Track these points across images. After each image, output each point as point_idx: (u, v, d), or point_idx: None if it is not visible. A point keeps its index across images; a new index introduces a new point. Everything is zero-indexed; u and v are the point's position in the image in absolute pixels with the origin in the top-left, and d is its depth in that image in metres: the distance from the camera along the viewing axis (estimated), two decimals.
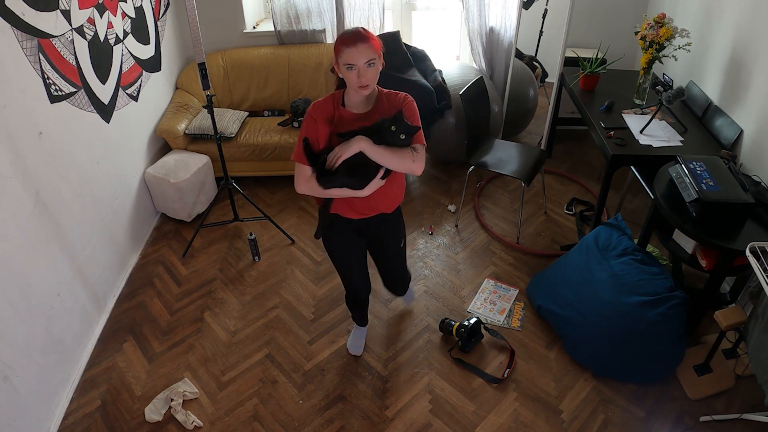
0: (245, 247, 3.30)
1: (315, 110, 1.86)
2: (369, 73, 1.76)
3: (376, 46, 1.76)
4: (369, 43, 1.73)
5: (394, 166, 1.82)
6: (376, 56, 1.77)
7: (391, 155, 1.79)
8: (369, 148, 1.76)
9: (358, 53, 1.71)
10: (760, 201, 2.31)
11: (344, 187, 1.82)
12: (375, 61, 1.76)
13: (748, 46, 2.67)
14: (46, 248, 2.34)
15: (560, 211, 3.54)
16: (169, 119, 3.49)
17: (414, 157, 1.82)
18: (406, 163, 1.81)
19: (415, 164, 1.83)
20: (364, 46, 1.72)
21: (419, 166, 1.84)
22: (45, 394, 2.31)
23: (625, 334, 2.38)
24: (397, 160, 1.80)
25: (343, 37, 1.75)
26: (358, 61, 1.71)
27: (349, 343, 2.66)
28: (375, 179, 1.83)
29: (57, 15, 2.41)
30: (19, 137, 2.17)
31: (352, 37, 1.73)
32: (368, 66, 1.74)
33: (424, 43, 4.15)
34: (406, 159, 1.81)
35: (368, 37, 1.75)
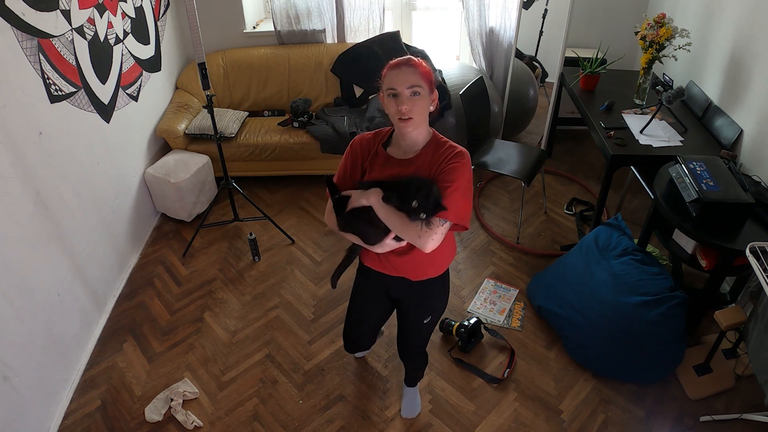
0: (245, 247, 3.30)
1: (355, 143, 1.71)
2: (412, 104, 1.52)
3: (425, 75, 1.54)
4: (416, 69, 1.53)
5: (397, 231, 1.59)
6: (424, 85, 1.54)
7: (397, 221, 1.56)
8: (377, 205, 1.56)
9: (401, 76, 1.52)
10: (760, 201, 2.31)
11: (356, 235, 1.65)
12: (420, 90, 1.53)
13: (748, 46, 2.67)
14: (46, 248, 2.34)
15: (560, 211, 3.54)
16: (169, 119, 3.49)
17: (422, 233, 1.55)
18: (410, 235, 1.56)
19: (420, 240, 1.56)
20: (409, 70, 1.52)
21: (425, 243, 1.56)
22: (45, 394, 2.31)
23: (625, 334, 2.38)
24: (401, 229, 1.57)
25: (392, 62, 1.58)
26: (400, 86, 1.51)
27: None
28: (386, 239, 1.62)
29: (57, 15, 2.41)
30: (19, 137, 2.17)
31: (399, 61, 1.56)
32: (412, 94, 1.52)
33: (424, 43, 4.15)
34: (411, 230, 1.55)
35: (417, 63, 1.55)
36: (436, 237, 1.56)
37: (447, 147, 1.61)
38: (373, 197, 1.56)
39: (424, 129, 1.62)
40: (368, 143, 1.69)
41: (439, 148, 1.61)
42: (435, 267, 1.80)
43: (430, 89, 1.56)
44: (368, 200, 1.57)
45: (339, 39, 3.95)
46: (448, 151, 1.59)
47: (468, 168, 1.60)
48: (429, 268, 1.78)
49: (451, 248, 1.83)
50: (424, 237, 1.55)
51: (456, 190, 1.56)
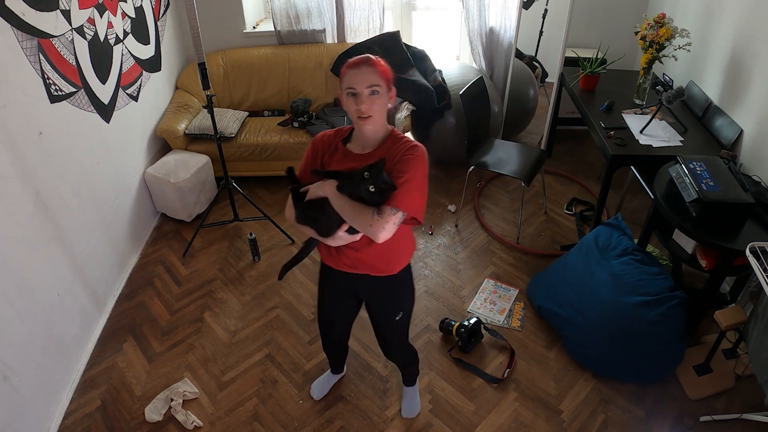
0: (245, 247, 3.30)
1: (317, 140, 1.72)
2: (371, 102, 1.54)
3: (383, 73, 1.56)
4: (375, 68, 1.55)
5: (351, 223, 1.56)
6: (383, 84, 1.56)
7: (350, 210, 1.54)
8: (331, 195, 1.56)
9: (360, 76, 1.53)
10: (760, 201, 2.31)
11: (311, 227, 1.63)
12: (379, 89, 1.55)
13: (748, 46, 2.67)
14: (46, 248, 2.34)
15: (560, 211, 3.54)
16: (169, 119, 3.49)
17: (373, 221, 1.52)
18: (362, 224, 1.53)
19: (371, 228, 1.52)
20: (368, 70, 1.54)
21: (376, 232, 1.53)
22: (45, 394, 2.31)
23: (625, 334, 2.38)
24: (353, 217, 1.54)
25: (350, 60, 1.58)
26: (359, 86, 1.53)
27: (314, 383, 2.48)
28: (339, 231, 1.59)
29: (57, 15, 2.41)
30: (19, 137, 2.17)
31: (357, 60, 1.56)
32: (371, 93, 1.54)
33: (424, 43, 4.15)
34: (362, 218, 1.53)
35: (376, 62, 1.56)
36: (387, 227, 1.54)
37: (403, 142, 1.63)
38: (328, 187, 1.57)
39: (383, 125, 1.65)
40: (329, 139, 1.72)
41: (396, 143, 1.63)
42: (393, 263, 1.78)
43: (388, 87, 1.59)
44: (323, 191, 1.57)
45: (339, 39, 3.95)
46: (404, 146, 1.61)
47: (423, 162, 1.60)
48: (386, 264, 1.77)
49: (409, 244, 1.82)
50: (376, 226, 1.53)
51: (409, 181, 1.57)
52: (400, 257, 1.80)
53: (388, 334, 2.07)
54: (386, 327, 2.03)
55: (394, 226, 1.56)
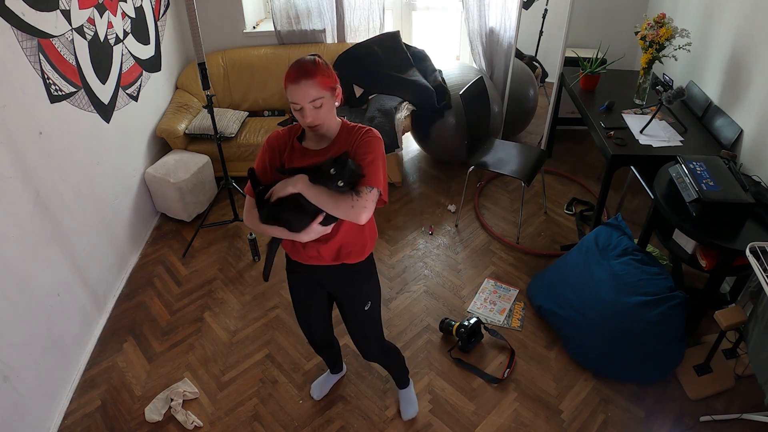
0: (245, 247, 3.30)
1: (271, 139, 1.70)
2: (316, 114, 1.53)
3: (324, 83, 1.52)
4: (314, 80, 1.49)
5: (332, 211, 1.56)
6: (326, 94, 1.53)
7: (328, 199, 1.54)
8: (305, 189, 1.54)
9: (300, 92, 1.49)
10: (760, 201, 2.31)
11: (282, 226, 1.61)
12: (323, 101, 1.53)
13: (748, 46, 2.67)
14: (46, 248, 2.34)
15: (560, 211, 3.54)
16: (169, 119, 3.49)
17: (354, 202, 1.54)
18: (344, 208, 1.54)
19: (353, 210, 1.53)
20: (308, 84, 1.49)
21: (358, 213, 1.54)
22: (45, 394, 2.31)
23: (625, 334, 2.38)
24: (333, 204, 1.54)
25: (290, 70, 1.52)
26: (301, 101, 1.50)
27: (314, 383, 2.49)
28: (313, 224, 1.59)
29: (57, 15, 2.41)
30: (19, 137, 2.17)
31: (297, 73, 1.50)
32: (314, 108, 1.52)
33: (424, 43, 4.15)
34: (344, 204, 1.54)
35: (314, 72, 1.50)
36: (368, 205, 1.56)
37: (357, 129, 1.65)
38: (300, 183, 1.55)
39: (334, 121, 1.65)
40: (283, 137, 1.70)
41: (350, 133, 1.64)
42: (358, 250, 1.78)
43: (332, 93, 1.57)
44: (295, 187, 1.55)
45: (339, 39, 3.95)
46: (359, 132, 1.63)
47: (379, 143, 1.63)
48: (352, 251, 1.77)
49: (372, 231, 1.83)
50: (357, 207, 1.54)
51: (374, 161, 1.59)
52: (365, 244, 1.80)
53: (361, 329, 2.04)
54: (357, 320, 2.00)
55: (373, 204, 1.58)
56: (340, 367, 2.51)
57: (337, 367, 2.49)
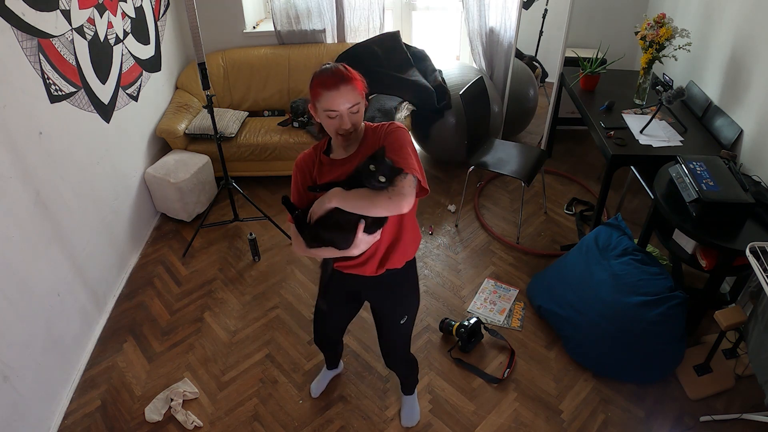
0: (245, 247, 3.30)
1: (299, 162, 1.67)
2: (353, 119, 1.51)
3: (360, 87, 1.51)
4: (353, 84, 1.48)
5: (373, 212, 1.49)
6: (361, 99, 1.52)
7: (365, 201, 1.47)
8: (341, 201, 1.48)
9: (341, 98, 1.46)
10: (760, 201, 2.31)
11: (329, 246, 1.56)
12: (359, 106, 1.51)
13: (748, 46, 2.67)
14: (46, 248, 2.34)
15: (560, 211, 3.54)
16: (169, 119, 3.49)
17: (390, 193, 1.47)
18: (383, 202, 1.46)
19: (392, 201, 1.46)
20: (347, 89, 1.46)
21: (399, 202, 1.46)
22: (45, 394, 2.31)
23: (625, 334, 2.38)
24: (371, 204, 1.47)
25: (322, 77, 1.48)
26: (341, 107, 1.47)
27: (313, 382, 2.50)
28: (358, 235, 1.53)
29: (57, 15, 2.41)
30: (19, 137, 2.17)
31: (333, 79, 1.47)
32: (352, 113, 1.50)
33: (424, 43, 4.15)
34: (380, 197, 1.46)
35: (351, 77, 1.48)
36: (406, 191, 1.48)
37: (380, 127, 1.60)
38: (334, 196, 1.50)
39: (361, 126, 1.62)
40: (310, 157, 1.67)
41: (375, 132, 1.60)
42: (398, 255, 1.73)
43: (364, 97, 1.54)
44: (331, 201, 1.50)
45: (339, 39, 3.95)
46: (382, 129, 1.59)
47: (405, 133, 1.57)
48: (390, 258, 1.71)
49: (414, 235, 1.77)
50: (395, 197, 1.47)
51: (402, 148, 1.52)
52: (406, 248, 1.74)
53: (392, 340, 2.02)
54: (392, 331, 1.98)
55: (411, 189, 1.50)
56: (337, 363, 2.51)
57: (335, 363, 2.50)
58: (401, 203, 1.47)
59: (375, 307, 1.96)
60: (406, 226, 1.70)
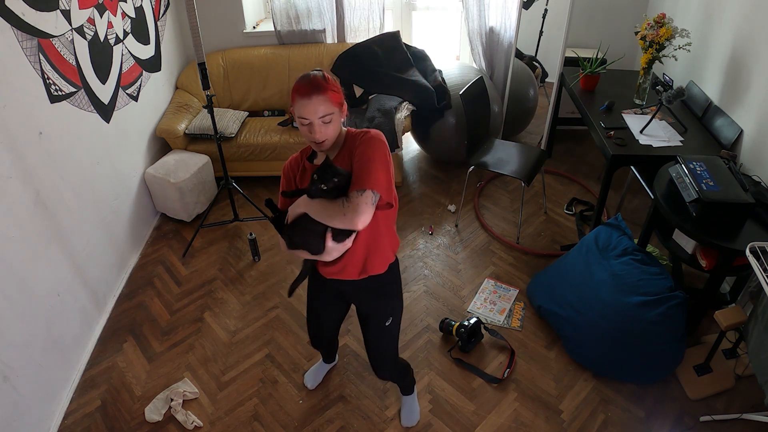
0: (245, 247, 3.30)
1: (285, 167, 1.71)
2: (325, 129, 1.51)
3: (334, 99, 1.51)
4: (326, 96, 1.48)
5: (328, 222, 1.53)
6: (335, 110, 1.52)
7: (322, 210, 1.52)
8: (307, 207, 1.54)
9: (311, 107, 1.47)
10: (760, 201, 2.31)
11: (302, 248, 1.62)
12: (333, 116, 1.51)
13: (748, 46, 2.67)
14: (46, 248, 2.34)
15: (560, 211, 3.54)
16: (169, 119, 3.49)
17: (345, 209, 1.49)
18: (338, 217, 1.50)
19: (346, 217, 1.49)
20: (319, 99, 1.47)
21: (352, 219, 1.48)
22: (45, 394, 2.31)
23: (625, 334, 2.38)
24: (328, 217, 1.51)
25: (299, 84, 1.50)
26: (311, 116, 1.48)
27: (308, 372, 2.53)
28: (327, 242, 1.57)
29: (57, 15, 2.41)
30: (19, 137, 2.17)
31: (307, 86, 1.48)
32: (323, 123, 1.50)
33: (424, 43, 4.15)
34: (335, 211, 1.50)
35: (326, 88, 1.49)
36: (361, 209, 1.49)
37: (358, 134, 1.61)
38: (302, 204, 1.56)
39: (339, 135, 1.63)
40: (296, 162, 1.71)
41: (353, 139, 1.62)
42: (377, 261, 1.75)
43: (341, 108, 1.55)
44: (299, 207, 1.56)
45: (339, 39, 3.95)
46: (359, 136, 1.60)
47: (378, 142, 1.57)
48: (372, 263, 1.74)
49: (391, 239, 1.79)
50: (349, 213, 1.49)
51: (369, 161, 1.53)
52: (384, 254, 1.77)
53: (379, 344, 2.01)
54: (377, 334, 1.97)
55: (368, 207, 1.51)
56: (333, 357, 2.53)
57: (331, 357, 2.51)
58: (355, 219, 1.49)
59: (360, 310, 1.98)
60: (381, 234, 1.71)
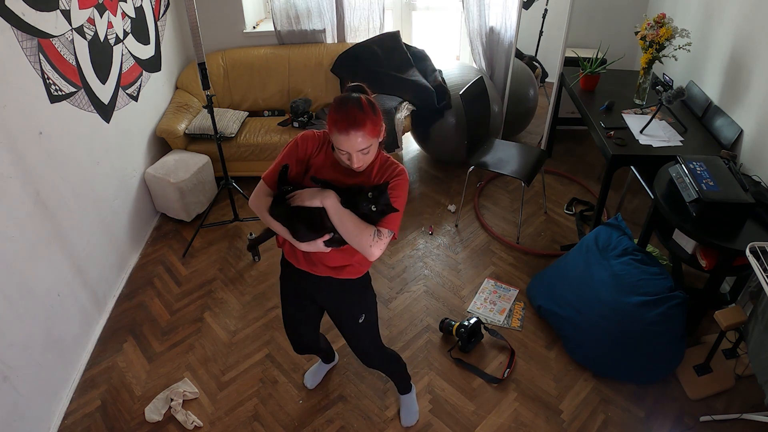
0: (245, 247, 3.30)
1: (303, 139, 1.67)
2: (363, 158, 1.55)
3: (372, 133, 1.51)
4: (363, 132, 1.48)
5: (349, 237, 1.56)
6: (374, 141, 1.53)
7: (352, 225, 1.54)
8: (333, 208, 1.53)
9: (350, 143, 1.48)
10: (760, 201, 2.31)
11: (286, 228, 1.62)
12: (370, 149, 1.54)
13: (748, 46, 2.67)
14: (46, 248, 2.34)
15: (560, 211, 3.54)
16: (169, 119, 3.49)
17: (373, 241, 1.56)
18: (363, 240, 1.55)
19: (372, 249, 1.56)
20: (357, 135, 1.47)
21: (373, 251, 1.57)
22: (45, 394, 2.31)
23: (625, 334, 2.38)
24: (355, 232, 1.55)
25: (336, 116, 1.48)
26: (350, 150, 1.51)
27: (307, 372, 2.53)
28: (317, 240, 1.60)
29: (57, 15, 2.41)
30: (19, 137, 2.17)
31: (345, 124, 1.46)
32: (363, 155, 1.53)
33: (424, 43, 4.15)
34: (364, 236, 1.55)
35: (364, 122, 1.48)
36: (383, 247, 1.60)
37: (390, 163, 1.66)
38: (330, 200, 1.54)
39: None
40: (316, 140, 1.67)
41: (384, 167, 1.66)
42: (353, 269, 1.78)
43: (378, 137, 1.56)
44: (323, 202, 1.54)
45: (339, 39, 3.95)
46: (392, 168, 1.65)
47: (406, 184, 1.66)
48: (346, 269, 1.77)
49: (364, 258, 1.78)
50: (376, 247, 1.57)
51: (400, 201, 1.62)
52: (360, 266, 1.80)
53: (357, 341, 2.02)
54: (352, 332, 1.99)
55: (386, 245, 1.61)
56: (332, 357, 2.52)
57: (329, 357, 2.50)
58: (375, 252, 1.58)
59: (330, 311, 1.97)
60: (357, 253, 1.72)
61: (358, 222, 1.55)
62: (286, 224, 1.61)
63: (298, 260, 1.78)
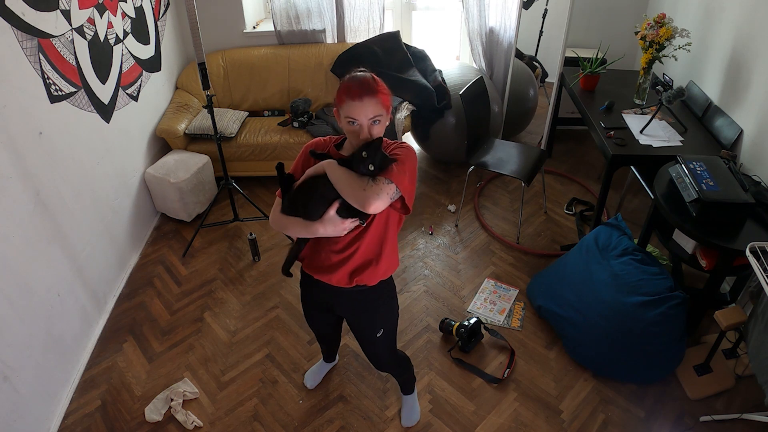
0: (245, 247, 3.30)
1: (312, 143, 1.69)
2: (372, 130, 1.50)
3: (385, 101, 1.50)
4: (377, 98, 1.47)
5: (344, 190, 1.49)
6: (384, 112, 1.50)
7: (345, 177, 1.49)
8: (330, 168, 1.51)
9: (362, 109, 1.46)
10: (760, 201, 2.31)
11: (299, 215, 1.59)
12: (381, 118, 1.50)
13: (748, 46, 2.67)
14: (46, 248, 2.34)
15: (560, 211, 3.54)
16: (169, 119, 3.49)
17: (367, 186, 1.47)
18: (356, 190, 1.47)
19: (364, 193, 1.46)
20: (371, 101, 1.46)
21: (368, 198, 1.46)
22: (45, 394, 2.31)
23: (625, 334, 2.38)
24: (348, 183, 1.48)
25: (349, 84, 1.48)
26: (361, 118, 1.47)
27: (308, 372, 2.53)
28: (331, 212, 1.54)
29: (57, 15, 2.41)
30: (19, 137, 2.17)
31: (358, 90, 1.46)
32: (373, 123, 1.49)
33: (424, 43, 4.15)
34: (358, 184, 1.47)
35: (377, 90, 1.48)
36: (381, 195, 1.47)
37: (395, 144, 1.61)
38: (326, 163, 1.52)
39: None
40: (323, 145, 1.68)
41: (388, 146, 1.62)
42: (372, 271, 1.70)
43: (388, 111, 1.53)
44: (321, 167, 1.53)
45: (339, 39, 3.95)
46: (393, 144, 1.61)
47: (412, 154, 1.59)
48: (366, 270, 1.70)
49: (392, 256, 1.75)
50: (370, 191, 1.46)
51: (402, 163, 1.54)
52: (379, 267, 1.71)
53: (372, 352, 2.03)
54: (369, 344, 1.98)
55: (387, 197, 1.50)
56: (334, 357, 2.53)
57: (332, 357, 2.51)
58: (370, 199, 1.46)
59: (349, 321, 1.95)
60: (385, 250, 1.69)
61: (351, 174, 1.49)
62: (297, 209, 1.59)
63: (317, 268, 1.73)
